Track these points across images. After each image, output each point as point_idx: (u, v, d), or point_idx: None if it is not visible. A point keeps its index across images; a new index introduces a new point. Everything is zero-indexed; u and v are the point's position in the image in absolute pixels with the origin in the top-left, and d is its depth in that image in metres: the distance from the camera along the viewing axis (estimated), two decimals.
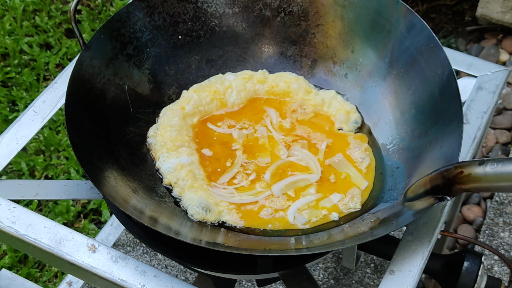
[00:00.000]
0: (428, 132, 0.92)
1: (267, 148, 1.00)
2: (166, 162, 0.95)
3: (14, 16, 2.21)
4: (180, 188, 0.93)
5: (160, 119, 1.01)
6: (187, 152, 0.97)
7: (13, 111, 1.99)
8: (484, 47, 2.08)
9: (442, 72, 0.93)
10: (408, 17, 0.98)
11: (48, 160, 1.85)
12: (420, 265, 0.85)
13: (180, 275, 1.57)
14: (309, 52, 1.08)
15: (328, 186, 0.95)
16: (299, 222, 0.90)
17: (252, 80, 1.06)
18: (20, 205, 0.91)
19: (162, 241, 0.89)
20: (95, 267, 0.85)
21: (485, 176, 0.75)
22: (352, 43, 1.05)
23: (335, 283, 1.53)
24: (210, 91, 1.04)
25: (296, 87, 1.05)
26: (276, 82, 1.06)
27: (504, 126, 1.89)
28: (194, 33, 1.08)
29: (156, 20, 1.04)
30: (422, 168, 0.88)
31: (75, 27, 0.94)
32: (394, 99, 1.00)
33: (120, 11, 1.01)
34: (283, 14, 1.08)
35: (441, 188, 0.80)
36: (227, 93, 1.05)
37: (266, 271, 0.88)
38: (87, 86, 0.94)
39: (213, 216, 0.90)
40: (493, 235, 1.59)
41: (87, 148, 0.89)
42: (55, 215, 1.74)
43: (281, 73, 1.07)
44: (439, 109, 0.92)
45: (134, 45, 1.02)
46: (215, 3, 1.08)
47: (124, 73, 1.00)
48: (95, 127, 0.93)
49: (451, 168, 0.79)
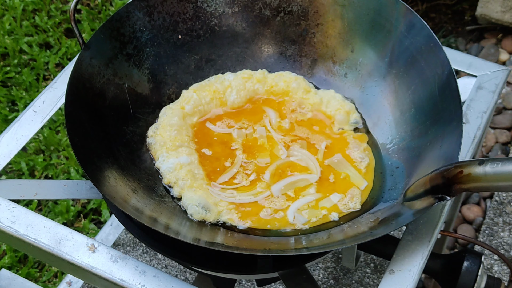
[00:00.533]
0: (428, 131, 0.92)
1: (267, 148, 1.00)
2: (165, 162, 0.95)
3: (13, 16, 2.21)
4: (180, 188, 0.93)
5: (160, 118, 1.01)
6: (187, 152, 0.97)
7: (13, 111, 1.99)
8: (484, 46, 2.08)
9: (442, 71, 0.93)
10: (408, 16, 0.98)
11: (48, 160, 1.85)
12: (420, 265, 0.85)
13: (180, 275, 1.57)
14: (308, 52, 1.08)
15: (328, 186, 0.95)
16: (299, 222, 0.90)
17: (252, 79, 1.06)
18: (20, 205, 0.91)
19: (162, 241, 0.89)
20: (95, 267, 0.85)
21: (485, 176, 0.75)
22: (352, 42, 1.05)
23: (335, 283, 1.53)
24: (210, 90, 1.04)
25: (296, 86, 1.05)
26: (275, 81, 1.06)
27: (504, 125, 1.89)
28: (194, 32, 1.08)
29: (155, 19, 1.04)
30: (422, 168, 0.88)
31: (75, 27, 0.94)
32: (393, 99, 1.00)
33: (119, 11, 1.01)
34: (283, 13, 1.08)
35: (441, 187, 0.80)
36: (227, 93, 1.05)
37: (266, 271, 0.88)
38: (87, 86, 0.94)
39: (212, 216, 0.90)
40: (493, 234, 1.59)
41: (87, 148, 0.89)
42: (55, 215, 1.74)
43: (280, 73, 1.07)
44: (439, 108, 0.92)
45: (134, 44, 1.02)
46: (215, 2, 1.08)
47: (123, 72, 1.00)
48: (95, 127, 0.93)
49: (451, 167, 0.79)
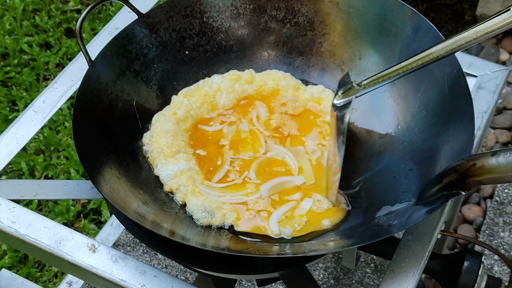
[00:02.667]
0: (439, 132, 0.92)
1: (249, 142, 0.99)
2: (164, 169, 0.95)
3: (14, 16, 2.21)
4: (183, 194, 0.93)
5: (153, 125, 1.00)
6: (185, 157, 0.96)
7: (13, 111, 1.99)
8: (484, 46, 2.08)
9: (451, 71, 0.93)
10: (414, 19, 0.98)
11: (48, 160, 1.85)
12: (420, 265, 0.85)
13: (180, 275, 1.57)
14: (316, 62, 1.08)
15: (310, 187, 0.95)
16: (285, 234, 0.90)
17: (240, 80, 1.05)
18: (20, 205, 0.91)
19: (162, 241, 0.89)
20: (95, 267, 0.85)
21: (499, 167, 0.75)
22: (359, 50, 1.04)
23: (335, 283, 1.53)
24: (199, 94, 1.03)
25: (285, 84, 1.05)
26: (264, 80, 1.05)
27: (504, 125, 1.89)
28: (201, 48, 1.07)
29: (162, 36, 1.04)
30: (436, 168, 0.88)
31: (81, 44, 0.93)
32: (404, 102, 0.99)
33: (126, 28, 1.00)
34: (289, 25, 1.08)
35: (454, 182, 0.80)
36: (217, 96, 1.04)
37: (266, 271, 0.88)
38: (95, 102, 0.94)
39: (218, 219, 0.90)
40: (493, 234, 1.59)
41: (96, 162, 0.88)
42: (55, 215, 1.74)
43: (267, 71, 1.07)
44: (450, 108, 0.91)
45: (141, 61, 1.02)
46: (221, 17, 1.08)
47: (131, 89, 1.00)
48: (104, 142, 0.93)
49: (464, 161, 0.79)
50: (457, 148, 0.86)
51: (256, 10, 1.08)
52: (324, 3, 1.05)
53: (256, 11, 1.08)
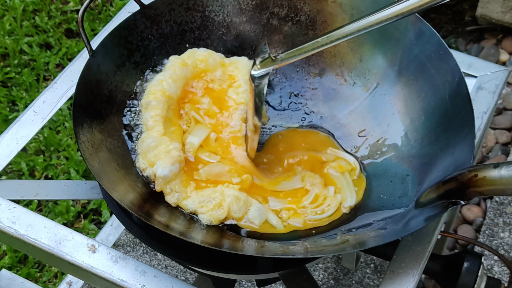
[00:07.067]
0: (438, 138, 0.92)
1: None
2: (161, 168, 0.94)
3: (14, 16, 2.21)
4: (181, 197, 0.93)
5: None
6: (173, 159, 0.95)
7: (13, 111, 1.99)
8: (484, 47, 2.08)
9: (452, 78, 0.92)
10: (417, 24, 0.97)
11: (48, 160, 1.86)
12: (420, 266, 0.85)
13: (180, 275, 1.57)
14: (316, 61, 1.08)
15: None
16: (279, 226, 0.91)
17: (178, 66, 1.01)
18: (20, 205, 0.91)
19: (162, 241, 0.89)
20: (95, 267, 0.85)
21: (500, 179, 0.75)
22: (360, 51, 1.04)
23: (335, 283, 1.53)
24: (154, 92, 0.99)
25: (212, 61, 1.03)
26: (195, 63, 1.02)
27: (504, 126, 1.89)
28: (202, 41, 1.07)
29: (163, 28, 1.04)
30: (433, 175, 0.88)
31: (83, 33, 0.93)
32: (403, 107, 0.99)
33: (127, 19, 1.00)
34: (291, 23, 1.08)
35: (454, 192, 0.80)
36: (170, 88, 0.99)
37: (266, 271, 0.88)
38: (95, 92, 0.94)
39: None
40: (493, 235, 1.60)
41: (96, 154, 0.88)
42: (55, 215, 1.74)
43: (191, 51, 1.03)
44: (450, 115, 0.91)
45: (142, 52, 1.02)
46: (223, 12, 1.08)
47: (131, 80, 1.00)
48: (103, 133, 0.92)
49: (465, 172, 0.78)
50: (456, 157, 0.86)
51: (258, 6, 1.08)
52: (327, 3, 1.05)
53: (258, 7, 1.08)
